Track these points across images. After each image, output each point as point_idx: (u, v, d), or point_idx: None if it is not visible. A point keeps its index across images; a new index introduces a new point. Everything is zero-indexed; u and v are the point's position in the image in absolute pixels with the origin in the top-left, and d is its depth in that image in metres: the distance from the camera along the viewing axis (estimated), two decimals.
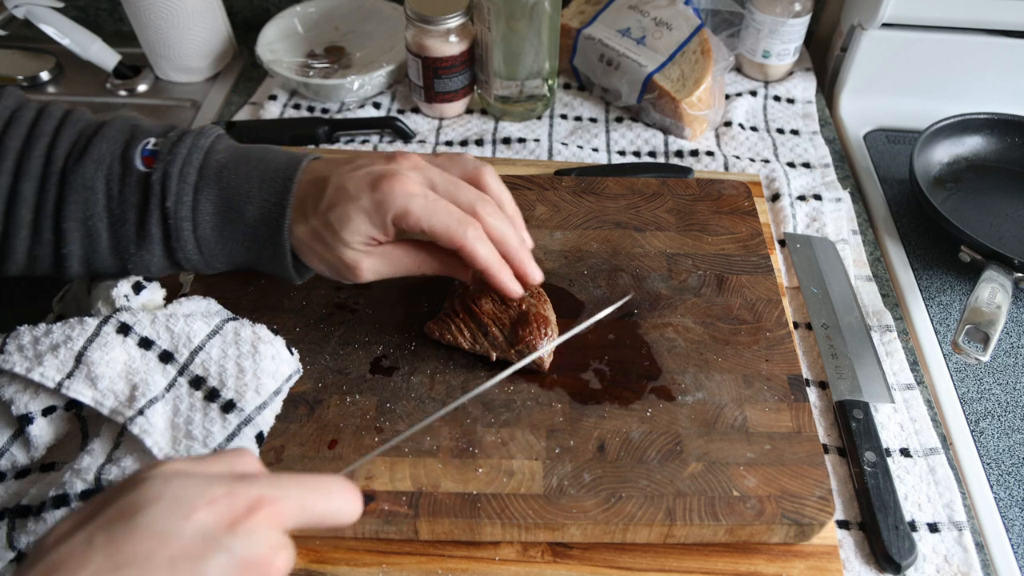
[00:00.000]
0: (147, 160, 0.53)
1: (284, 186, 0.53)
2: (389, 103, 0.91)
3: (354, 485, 0.38)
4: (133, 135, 0.54)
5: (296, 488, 0.35)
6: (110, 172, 0.53)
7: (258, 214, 0.53)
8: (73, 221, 0.53)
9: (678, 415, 0.55)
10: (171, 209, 0.53)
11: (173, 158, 0.53)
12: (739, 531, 0.50)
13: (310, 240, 0.53)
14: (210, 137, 0.55)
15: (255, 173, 0.54)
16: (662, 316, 0.61)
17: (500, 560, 0.51)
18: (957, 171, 0.84)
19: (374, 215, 0.51)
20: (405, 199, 0.50)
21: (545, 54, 0.83)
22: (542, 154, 0.84)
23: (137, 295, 0.56)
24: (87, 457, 0.50)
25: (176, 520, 0.32)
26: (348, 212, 0.51)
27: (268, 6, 1.03)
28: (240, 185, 0.53)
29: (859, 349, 0.65)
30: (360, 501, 0.38)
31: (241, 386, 0.51)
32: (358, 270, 0.53)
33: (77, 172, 0.53)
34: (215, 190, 0.53)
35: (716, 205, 0.70)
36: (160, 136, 0.55)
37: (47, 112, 0.55)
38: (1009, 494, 0.59)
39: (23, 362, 0.50)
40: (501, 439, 0.53)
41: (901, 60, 0.92)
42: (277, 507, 0.34)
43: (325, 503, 0.36)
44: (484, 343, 0.56)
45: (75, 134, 0.54)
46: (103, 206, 0.53)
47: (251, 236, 0.54)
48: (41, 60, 0.99)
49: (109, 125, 0.55)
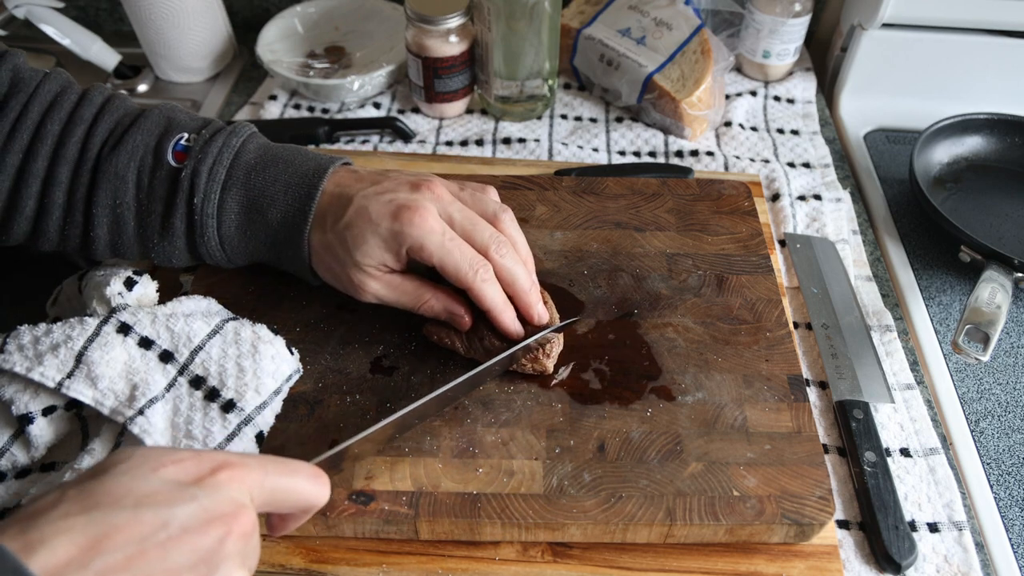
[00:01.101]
0: (178, 156, 0.55)
1: (308, 193, 0.55)
2: (389, 103, 0.91)
3: (321, 471, 0.40)
4: (168, 128, 0.56)
5: (261, 460, 0.37)
6: (142, 164, 0.55)
7: (280, 218, 0.55)
8: (103, 207, 0.55)
9: (678, 415, 0.55)
10: (198, 206, 0.54)
11: (204, 156, 0.54)
12: (739, 531, 0.50)
13: (323, 252, 0.55)
14: (242, 136, 0.57)
15: (282, 177, 0.55)
16: (662, 316, 0.61)
17: (500, 560, 0.51)
18: (957, 171, 0.84)
19: (390, 242, 0.52)
20: (422, 233, 0.51)
21: (545, 54, 0.83)
22: (542, 154, 0.84)
23: (130, 291, 0.56)
24: (87, 457, 0.50)
25: (144, 472, 0.34)
26: (365, 235, 0.52)
27: (268, 6, 1.03)
28: (266, 187, 0.55)
29: (859, 349, 0.65)
30: (328, 486, 0.40)
31: (241, 386, 0.51)
32: (362, 291, 0.55)
33: (111, 161, 0.54)
34: (242, 191, 0.55)
35: (716, 205, 0.71)
36: (194, 132, 0.56)
37: (88, 98, 0.56)
38: (1009, 494, 0.59)
39: (23, 362, 0.50)
40: (501, 439, 0.53)
41: (901, 60, 0.92)
42: (240, 471, 0.36)
43: (288, 480, 0.38)
44: (479, 348, 0.56)
45: (113, 123, 0.56)
46: (132, 196, 0.55)
47: (273, 237, 0.56)
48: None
49: (146, 116, 0.56)
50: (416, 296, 0.55)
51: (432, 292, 0.55)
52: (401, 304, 0.55)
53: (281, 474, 0.38)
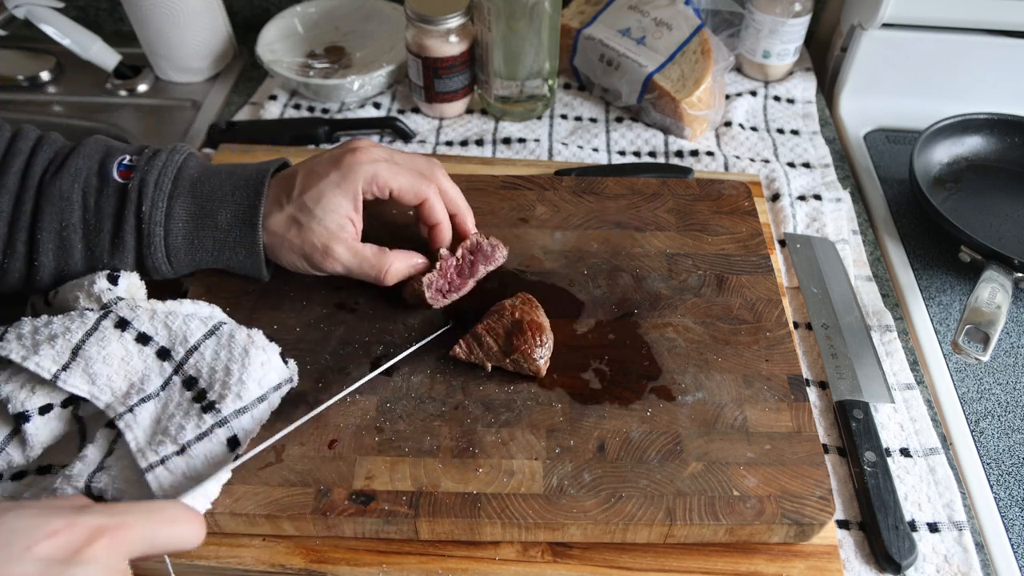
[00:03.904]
0: (123, 173, 0.57)
1: (256, 189, 0.57)
2: (389, 103, 0.91)
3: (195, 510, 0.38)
4: (108, 152, 0.58)
5: (137, 516, 0.35)
6: (87, 185, 0.56)
7: (231, 218, 0.57)
8: (48, 232, 0.55)
9: (678, 415, 0.55)
10: (146, 214, 0.55)
11: (150, 168, 0.56)
12: (739, 531, 0.50)
13: (284, 229, 0.57)
14: (183, 153, 0.59)
15: (228, 182, 0.58)
16: (662, 316, 0.61)
17: (500, 560, 0.51)
18: (957, 171, 0.84)
19: (344, 184, 0.56)
20: (371, 165, 0.56)
21: (545, 54, 0.83)
22: (542, 154, 0.84)
23: (116, 285, 0.56)
24: (79, 463, 0.50)
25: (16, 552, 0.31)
26: (320, 189, 0.56)
27: (268, 6, 1.03)
28: (213, 192, 0.57)
29: (859, 349, 0.65)
30: (203, 526, 0.38)
31: (224, 389, 0.51)
32: (330, 252, 0.57)
33: (54, 185, 0.55)
34: (189, 198, 0.57)
35: (716, 205, 0.70)
36: (134, 154, 0.58)
37: (22, 134, 0.58)
38: (1009, 494, 0.59)
39: (20, 350, 0.50)
40: (501, 439, 0.53)
41: (901, 60, 0.92)
42: (119, 535, 0.34)
43: (168, 529, 0.37)
44: (479, 353, 0.56)
45: (52, 152, 0.57)
46: (79, 217, 0.56)
47: (223, 241, 0.58)
48: (41, 60, 0.99)
49: (84, 144, 0.58)
50: (379, 259, 0.58)
51: (392, 254, 0.58)
52: (364, 271, 0.58)
53: (161, 525, 0.37)
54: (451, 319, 0.60)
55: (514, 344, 0.55)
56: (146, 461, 0.48)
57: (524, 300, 0.58)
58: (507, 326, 0.56)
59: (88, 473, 0.49)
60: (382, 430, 0.53)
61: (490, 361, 0.56)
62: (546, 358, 0.56)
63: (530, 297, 0.59)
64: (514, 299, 0.58)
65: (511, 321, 0.56)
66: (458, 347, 0.57)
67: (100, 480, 0.48)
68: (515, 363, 0.56)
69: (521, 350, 0.55)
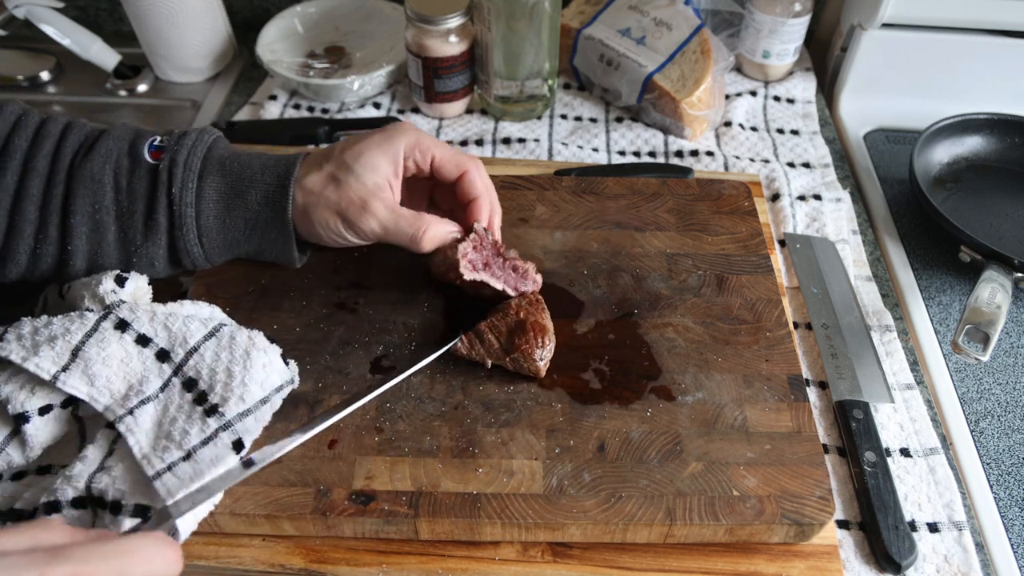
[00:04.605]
0: (154, 154, 0.56)
1: (287, 169, 0.56)
2: (389, 103, 0.91)
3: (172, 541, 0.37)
4: (139, 135, 0.57)
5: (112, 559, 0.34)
6: (118, 166, 0.55)
7: (261, 197, 0.56)
8: (80, 215, 0.54)
9: (678, 415, 0.55)
10: (176, 195, 0.55)
11: (179, 148, 0.56)
12: (739, 531, 0.50)
13: (322, 186, 0.56)
14: (213, 135, 0.59)
15: (257, 161, 0.57)
16: (662, 316, 0.61)
17: (500, 560, 0.51)
18: (957, 171, 0.84)
19: (386, 145, 0.56)
20: (415, 132, 0.58)
21: (545, 54, 0.83)
22: (542, 154, 0.84)
23: (122, 287, 0.55)
24: (79, 464, 0.49)
25: None
26: (362, 147, 0.56)
27: (268, 6, 1.03)
28: (243, 171, 0.57)
29: (859, 349, 0.65)
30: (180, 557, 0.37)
31: (227, 392, 0.51)
32: (368, 208, 0.55)
33: (85, 167, 0.54)
34: (218, 177, 0.56)
35: (716, 205, 0.70)
36: (164, 135, 0.57)
37: (52, 118, 0.57)
38: (1009, 494, 0.59)
39: (20, 351, 0.50)
40: (501, 439, 0.53)
41: (901, 60, 0.92)
42: None
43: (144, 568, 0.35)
44: (480, 349, 0.56)
45: (82, 136, 0.56)
46: (111, 199, 0.55)
47: (254, 221, 0.57)
48: (41, 60, 0.99)
49: (113, 127, 0.57)
50: (416, 220, 0.56)
51: (430, 217, 0.57)
52: (401, 230, 0.56)
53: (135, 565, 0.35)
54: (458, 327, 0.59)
55: (515, 343, 0.55)
56: (153, 468, 0.48)
57: (531, 300, 0.58)
58: (510, 325, 0.56)
59: (88, 473, 0.49)
60: (382, 430, 0.53)
61: (490, 358, 0.56)
62: (546, 360, 0.56)
63: (539, 298, 0.59)
64: (521, 298, 0.58)
65: (515, 320, 0.56)
66: (460, 342, 0.57)
67: (101, 481, 0.48)
68: (515, 362, 0.56)
69: (522, 349, 0.55)
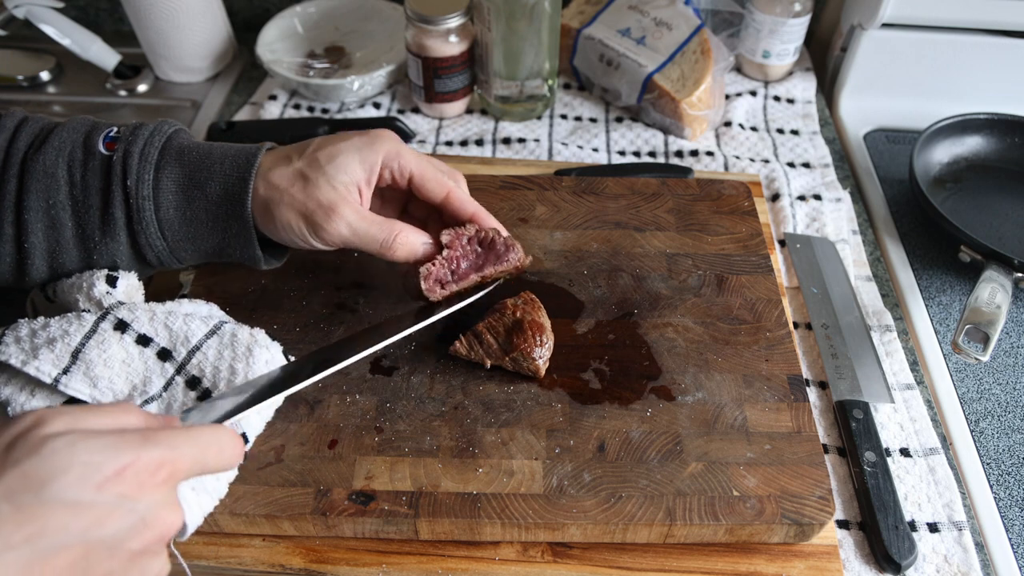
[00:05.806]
0: (109, 145, 0.54)
1: (247, 161, 0.53)
2: (389, 103, 0.91)
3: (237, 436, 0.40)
4: (95, 126, 0.55)
5: (191, 446, 0.37)
6: (71, 158, 0.53)
7: (220, 190, 0.53)
8: (35, 211, 0.52)
9: (678, 415, 0.55)
10: (132, 188, 0.52)
11: (135, 138, 0.53)
12: (739, 531, 0.50)
13: (289, 183, 0.52)
14: (174, 126, 0.56)
15: (218, 151, 0.54)
16: (662, 316, 0.61)
17: (500, 560, 0.51)
18: (957, 171, 0.84)
19: (365, 151, 0.53)
20: (397, 143, 0.55)
21: (545, 54, 0.83)
22: (542, 154, 0.84)
23: (115, 287, 0.55)
24: None
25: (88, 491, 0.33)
26: (337, 148, 0.53)
27: (268, 6, 1.03)
28: (202, 160, 0.54)
29: (859, 349, 0.65)
30: (243, 450, 0.41)
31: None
32: (334, 211, 0.52)
33: (37, 160, 0.52)
34: (176, 168, 0.53)
35: (716, 205, 0.70)
36: (121, 126, 0.55)
37: (9, 113, 0.55)
38: (1009, 494, 0.59)
39: (19, 355, 0.50)
40: (501, 439, 0.53)
41: (901, 60, 0.92)
42: (176, 466, 0.36)
43: (216, 456, 0.38)
44: (479, 350, 0.56)
45: (36, 130, 0.54)
46: (66, 193, 0.53)
47: (214, 214, 0.54)
48: (41, 60, 0.99)
49: (70, 120, 0.55)
50: (387, 227, 0.53)
51: (402, 223, 0.54)
52: (369, 240, 0.53)
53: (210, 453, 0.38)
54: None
55: (514, 343, 0.55)
56: None
57: (527, 300, 0.58)
58: (508, 324, 0.56)
59: None
60: (382, 430, 0.53)
61: (489, 359, 0.56)
62: (546, 358, 0.56)
63: (533, 297, 0.59)
64: (516, 298, 0.58)
65: (512, 320, 0.56)
66: (458, 343, 0.57)
67: None
68: (514, 362, 0.56)
69: (521, 349, 0.55)
